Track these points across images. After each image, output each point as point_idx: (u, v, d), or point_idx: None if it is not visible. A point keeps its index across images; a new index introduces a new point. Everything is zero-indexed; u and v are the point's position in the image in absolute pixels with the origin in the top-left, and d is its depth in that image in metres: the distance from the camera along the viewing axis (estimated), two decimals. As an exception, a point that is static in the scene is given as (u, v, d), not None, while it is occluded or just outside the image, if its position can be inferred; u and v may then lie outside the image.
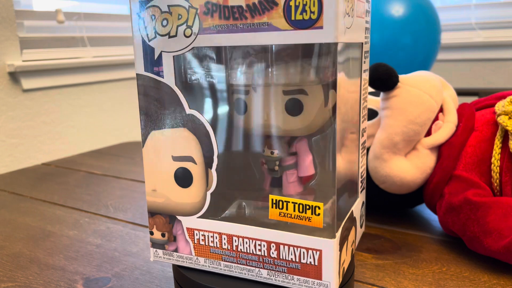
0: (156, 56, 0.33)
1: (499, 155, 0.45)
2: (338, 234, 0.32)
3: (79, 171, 0.83)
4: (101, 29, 1.68)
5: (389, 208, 0.56)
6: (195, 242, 0.36)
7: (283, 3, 0.28)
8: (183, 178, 0.35)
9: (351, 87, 0.36)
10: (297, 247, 0.32)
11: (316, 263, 0.32)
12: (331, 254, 0.31)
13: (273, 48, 0.34)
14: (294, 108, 0.34)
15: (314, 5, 0.28)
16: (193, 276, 0.35)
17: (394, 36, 1.42)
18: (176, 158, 0.35)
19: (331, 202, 0.32)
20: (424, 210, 0.58)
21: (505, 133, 0.46)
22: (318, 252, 0.32)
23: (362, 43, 0.36)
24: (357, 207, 0.39)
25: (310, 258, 0.32)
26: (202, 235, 0.35)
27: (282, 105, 0.34)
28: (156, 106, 0.34)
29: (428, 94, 0.48)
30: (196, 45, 0.32)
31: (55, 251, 0.50)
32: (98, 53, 1.62)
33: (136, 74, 0.34)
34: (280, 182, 0.37)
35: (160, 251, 0.37)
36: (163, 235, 0.37)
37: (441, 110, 0.51)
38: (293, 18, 0.28)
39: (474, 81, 1.90)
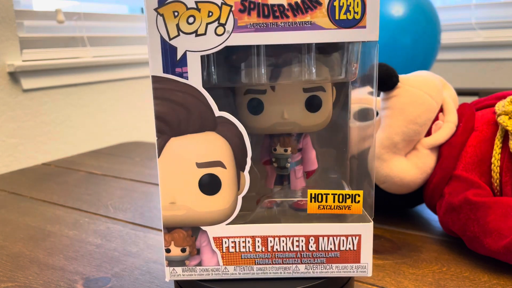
0: (179, 56, 0.31)
1: (499, 155, 0.45)
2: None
3: (79, 171, 0.83)
4: (101, 29, 1.67)
5: (389, 208, 0.56)
6: (224, 251, 0.34)
7: (327, 3, 0.30)
8: (210, 185, 0.33)
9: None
10: (337, 236, 0.34)
11: (355, 248, 0.34)
12: (369, 237, 0.34)
13: (298, 46, 0.34)
14: (314, 105, 0.36)
15: (358, 6, 0.30)
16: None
17: (394, 36, 1.42)
18: (201, 165, 0.32)
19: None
20: (424, 210, 0.58)
21: (505, 133, 0.46)
22: (357, 237, 0.34)
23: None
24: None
25: (349, 244, 0.34)
26: (232, 242, 0.34)
27: (303, 102, 0.35)
28: (177, 110, 0.31)
29: (428, 94, 0.48)
30: (229, 43, 0.30)
31: (55, 251, 0.50)
32: (98, 53, 1.62)
33: (152, 76, 0.31)
34: (282, 180, 0.38)
35: (178, 269, 0.34)
36: (183, 250, 0.34)
37: (441, 110, 0.51)
38: (337, 17, 0.30)
39: (474, 81, 1.90)
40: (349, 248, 0.34)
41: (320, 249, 0.34)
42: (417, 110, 0.47)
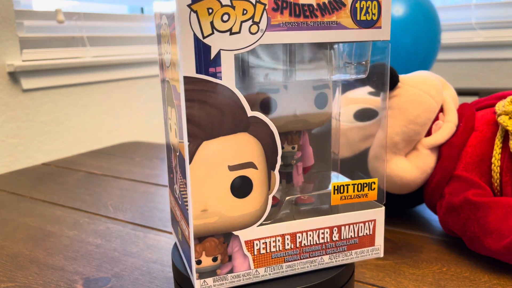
0: (213, 56, 0.29)
1: (500, 155, 0.45)
2: None
3: (79, 171, 0.83)
4: (101, 29, 1.67)
5: (389, 208, 0.56)
6: (255, 253, 0.33)
7: (350, 5, 0.32)
8: (242, 188, 0.32)
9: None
10: (356, 223, 0.36)
11: (371, 232, 0.37)
12: (381, 220, 0.37)
13: (310, 45, 0.35)
14: (322, 101, 0.38)
15: (375, 8, 0.33)
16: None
17: (394, 36, 1.41)
18: (233, 167, 0.31)
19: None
20: (424, 210, 0.58)
21: (506, 133, 0.46)
22: (372, 222, 0.37)
23: None
24: None
25: (366, 229, 0.37)
26: (263, 243, 0.33)
27: (313, 99, 0.37)
28: (210, 113, 0.30)
29: (428, 94, 0.48)
30: (263, 42, 0.30)
31: (55, 251, 0.50)
32: (98, 53, 1.62)
33: (184, 77, 0.29)
34: (282, 177, 0.38)
35: (209, 280, 0.33)
36: (214, 259, 0.32)
37: (441, 110, 0.51)
38: (358, 18, 0.32)
39: (474, 81, 1.90)
40: (366, 233, 0.37)
41: (342, 238, 0.36)
42: (417, 110, 0.47)
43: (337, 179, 0.41)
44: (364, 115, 0.53)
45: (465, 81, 1.91)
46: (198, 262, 0.32)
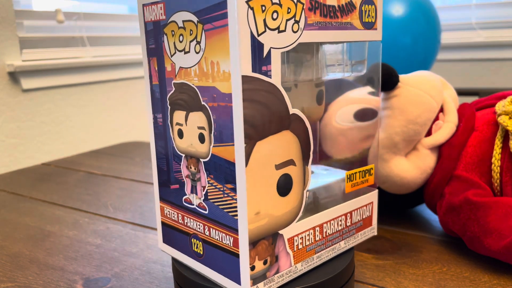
0: (265, 54, 0.29)
1: (500, 155, 0.45)
2: None
3: (79, 171, 0.83)
4: (100, 29, 1.67)
5: (389, 208, 0.56)
6: (295, 249, 0.33)
7: (358, 7, 0.35)
8: (285, 186, 0.32)
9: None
10: (361, 207, 0.39)
11: (370, 213, 0.40)
12: (376, 201, 0.41)
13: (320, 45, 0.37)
14: (320, 97, 0.40)
15: (373, 12, 0.36)
16: (193, 276, 0.35)
17: (394, 36, 1.42)
18: (278, 166, 0.31)
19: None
20: (424, 210, 0.58)
21: (506, 133, 0.46)
22: (371, 204, 0.40)
23: None
24: None
25: (368, 211, 0.40)
26: (300, 238, 0.34)
27: (315, 96, 0.39)
28: (262, 112, 0.30)
29: (428, 94, 0.48)
30: (301, 41, 0.31)
31: (55, 251, 0.50)
32: (98, 53, 1.62)
33: (242, 76, 0.28)
34: None
35: (261, 285, 0.32)
36: (265, 262, 0.32)
37: (441, 110, 0.51)
38: (364, 20, 0.35)
39: (474, 81, 1.90)
40: (367, 215, 0.40)
41: (352, 222, 0.39)
42: (417, 110, 0.47)
43: (327, 171, 0.43)
44: (364, 115, 0.53)
45: (465, 81, 1.91)
46: (252, 268, 0.31)
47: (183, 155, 0.34)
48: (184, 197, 0.35)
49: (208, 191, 0.33)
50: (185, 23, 0.31)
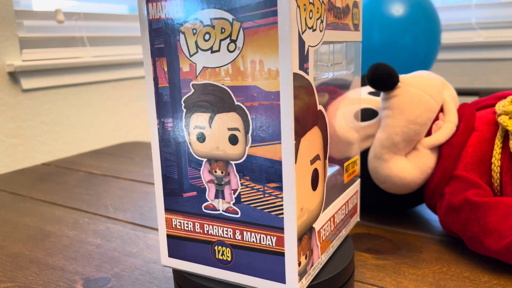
0: (305, 51, 0.30)
1: (500, 155, 0.45)
2: None
3: (79, 171, 0.83)
4: (100, 29, 1.68)
5: (389, 208, 0.56)
6: (321, 241, 0.34)
7: (351, 10, 0.37)
8: (315, 180, 0.32)
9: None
10: (353, 195, 0.42)
11: (357, 201, 0.43)
12: (359, 190, 0.44)
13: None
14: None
15: (358, 15, 0.38)
16: (193, 276, 0.35)
17: (394, 36, 1.42)
18: (312, 161, 0.32)
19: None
20: (424, 210, 0.58)
21: (506, 133, 0.46)
22: (357, 193, 0.43)
23: None
24: None
25: (355, 199, 0.42)
26: (323, 230, 0.35)
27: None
28: (304, 108, 0.30)
29: (428, 94, 0.48)
30: (324, 40, 0.32)
31: (55, 251, 0.50)
32: (98, 53, 1.62)
33: (294, 73, 0.29)
34: None
35: (303, 280, 0.32)
36: (306, 256, 0.32)
37: (441, 110, 0.51)
38: (354, 22, 0.37)
39: (474, 81, 1.90)
40: (355, 202, 0.43)
41: (348, 210, 0.41)
42: (417, 110, 0.47)
43: None
44: (364, 115, 0.53)
45: (465, 81, 1.91)
46: (298, 264, 0.31)
47: (204, 160, 0.33)
48: (204, 204, 0.34)
49: (241, 193, 0.32)
50: (214, 21, 0.30)
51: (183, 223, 0.35)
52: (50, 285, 0.43)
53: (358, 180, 0.43)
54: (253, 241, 0.32)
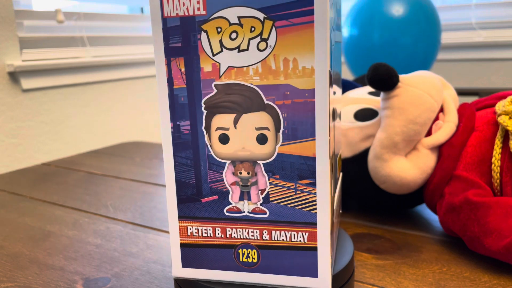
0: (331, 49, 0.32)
1: (500, 155, 0.45)
2: None
3: (79, 171, 0.83)
4: (100, 29, 1.68)
5: (389, 208, 0.56)
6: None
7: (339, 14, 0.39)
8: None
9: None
10: (340, 192, 0.42)
11: (340, 197, 0.43)
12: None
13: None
14: None
15: (339, 20, 0.38)
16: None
17: (394, 36, 1.42)
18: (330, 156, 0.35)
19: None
20: (424, 210, 0.58)
21: (506, 133, 0.46)
22: (340, 189, 0.44)
23: None
24: None
25: (340, 195, 0.43)
26: (334, 223, 0.38)
27: None
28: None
29: (428, 94, 0.48)
30: (336, 40, 0.34)
31: (55, 251, 0.50)
32: (98, 53, 1.62)
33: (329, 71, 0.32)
34: None
35: (331, 270, 0.33)
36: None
37: (441, 110, 0.51)
38: (340, 23, 0.39)
39: (474, 81, 1.90)
40: (341, 198, 0.45)
41: (340, 205, 0.43)
42: (417, 110, 0.47)
43: None
44: (364, 115, 0.53)
45: (465, 81, 1.91)
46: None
47: (228, 162, 0.32)
48: (227, 207, 0.33)
49: (270, 192, 0.32)
50: (242, 20, 0.30)
51: (201, 229, 0.34)
52: (50, 285, 0.43)
53: (341, 175, 0.44)
54: (283, 239, 0.32)
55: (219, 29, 0.30)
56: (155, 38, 0.31)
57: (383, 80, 0.48)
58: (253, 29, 0.30)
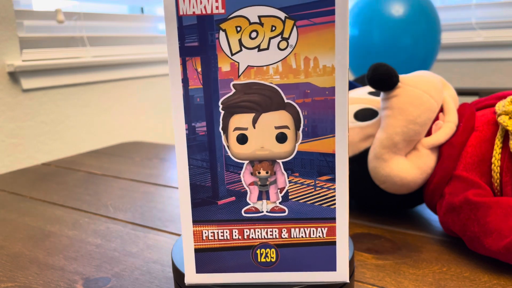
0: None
1: (500, 155, 0.45)
2: None
3: (79, 171, 0.83)
4: (101, 29, 1.68)
5: (389, 208, 0.56)
6: None
7: None
8: None
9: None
10: None
11: None
12: None
13: None
14: None
15: None
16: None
17: (394, 36, 1.42)
18: None
19: None
20: (424, 210, 0.58)
21: (506, 133, 0.46)
22: None
23: None
24: None
25: None
26: None
27: None
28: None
29: (428, 94, 0.48)
30: None
31: (55, 251, 0.50)
32: (98, 53, 1.62)
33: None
34: None
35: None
36: None
37: (441, 110, 0.51)
38: None
39: (475, 81, 1.90)
40: None
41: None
42: (417, 110, 0.47)
43: None
44: (364, 115, 0.53)
45: (465, 81, 1.91)
46: None
47: (246, 162, 0.32)
48: (245, 208, 0.32)
49: (289, 190, 0.32)
50: (262, 19, 0.30)
51: (217, 232, 0.33)
52: (50, 285, 0.43)
53: None
54: (302, 236, 0.32)
55: (238, 28, 0.30)
56: (169, 37, 0.30)
57: (383, 80, 0.48)
58: (273, 28, 0.30)
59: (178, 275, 0.36)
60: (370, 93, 0.55)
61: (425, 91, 0.48)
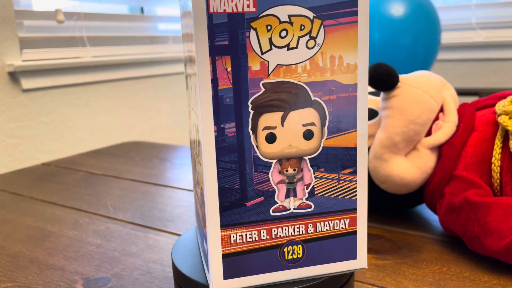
0: None
1: (500, 155, 0.45)
2: None
3: (79, 171, 0.83)
4: (101, 29, 1.68)
5: (389, 208, 0.56)
6: None
7: None
8: None
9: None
10: None
11: None
12: None
13: None
14: None
15: None
16: (193, 275, 0.35)
17: (394, 36, 1.42)
18: None
19: None
20: (424, 210, 0.58)
21: (506, 133, 0.46)
22: None
23: None
24: None
25: None
26: None
27: None
28: None
29: (428, 94, 0.48)
30: None
31: (55, 251, 0.50)
32: (98, 53, 1.62)
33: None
34: None
35: None
36: None
37: (441, 110, 0.51)
38: None
39: (474, 81, 1.90)
40: None
41: None
42: (417, 110, 0.47)
43: None
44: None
45: (465, 81, 1.91)
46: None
47: (274, 161, 0.32)
48: (273, 207, 0.32)
49: (315, 186, 0.33)
50: (292, 18, 0.30)
51: (245, 235, 0.32)
52: (50, 285, 0.43)
53: None
54: (326, 229, 0.33)
55: (269, 27, 0.30)
56: (198, 35, 0.29)
57: (383, 80, 0.48)
58: (302, 27, 0.30)
59: (178, 275, 0.36)
60: (370, 93, 0.55)
61: (425, 91, 0.48)
